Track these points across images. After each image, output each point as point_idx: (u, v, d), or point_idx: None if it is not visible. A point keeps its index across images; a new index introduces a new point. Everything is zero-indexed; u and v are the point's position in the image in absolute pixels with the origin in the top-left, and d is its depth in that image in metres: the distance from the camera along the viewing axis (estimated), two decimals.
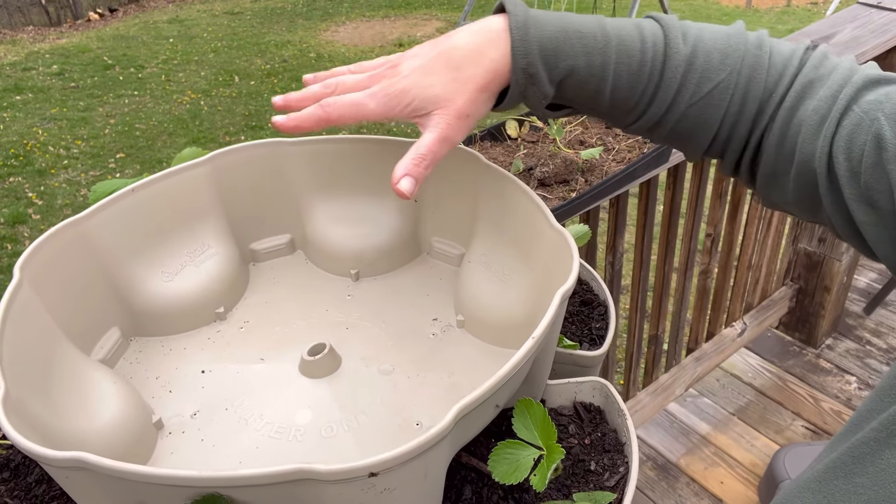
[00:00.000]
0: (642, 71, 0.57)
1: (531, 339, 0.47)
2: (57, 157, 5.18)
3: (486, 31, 0.56)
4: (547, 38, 0.56)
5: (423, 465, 0.43)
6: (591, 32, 0.56)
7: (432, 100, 0.56)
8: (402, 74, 0.57)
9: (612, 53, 0.56)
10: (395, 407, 0.61)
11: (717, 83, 0.57)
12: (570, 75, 0.57)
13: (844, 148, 0.53)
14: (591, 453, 0.56)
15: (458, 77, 0.56)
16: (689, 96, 0.58)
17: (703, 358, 2.12)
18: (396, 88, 0.57)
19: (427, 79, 0.56)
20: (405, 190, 0.55)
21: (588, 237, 0.79)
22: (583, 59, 0.56)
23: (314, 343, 0.65)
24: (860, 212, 0.53)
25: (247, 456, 0.57)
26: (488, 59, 0.56)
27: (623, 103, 0.59)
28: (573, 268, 0.54)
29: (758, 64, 0.58)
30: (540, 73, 0.56)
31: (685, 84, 0.58)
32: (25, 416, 0.48)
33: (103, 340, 0.66)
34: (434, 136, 0.56)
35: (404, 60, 0.58)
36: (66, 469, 0.43)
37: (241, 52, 7.53)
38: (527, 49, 0.55)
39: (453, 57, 0.56)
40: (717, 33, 0.59)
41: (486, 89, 0.57)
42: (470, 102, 0.56)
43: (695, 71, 0.57)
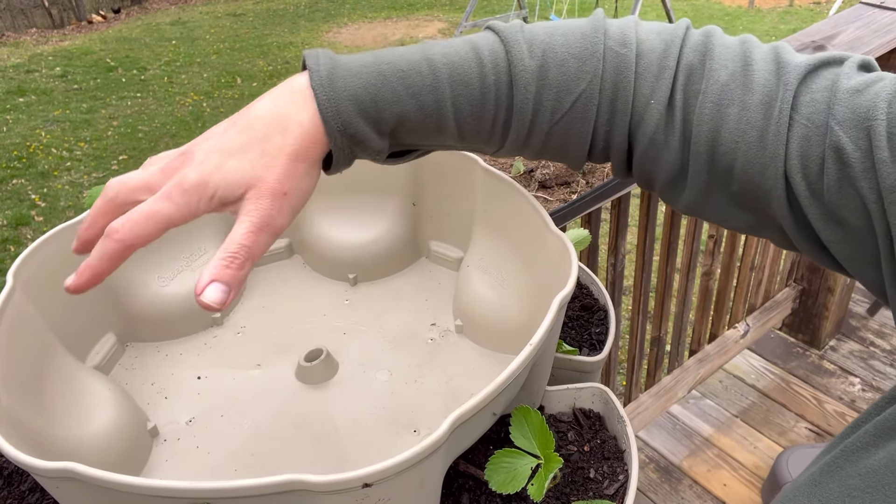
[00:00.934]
0: (486, 98, 0.50)
1: (529, 346, 0.46)
2: (60, 159, 5.19)
3: (288, 93, 0.48)
4: (361, 88, 0.47)
5: (419, 474, 0.43)
6: (414, 69, 0.48)
7: (238, 183, 0.45)
8: (197, 161, 0.46)
9: (444, 88, 0.49)
10: (392, 413, 0.61)
11: (579, 94, 0.50)
12: (400, 124, 0.49)
13: (799, 167, 0.46)
14: (591, 461, 0.56)
15: (265, 151, 0.46)
16: (550, 114, 0.51)
17: (705, 359, 2.11)
18: (192, 180, 0.45)
19: (228, 161, 0.46)
20: (211, 301, 0.44)
21: (588, 242, 0.78)
22: (410, 102, 0.48)
23: (311, 348, 0.64)
24: (827, 231, 0.47)
25: (242, 463, 0.57)
26: (295, 125, 0.47)
27: (475, 136, 0.52)
28: (572, 273, 0.53)
29: (623, 66, 0.50)
30: (362, 131, 0.48)
31: (541, 102, 0.50)
32: (17, 424, 0.48)
33: (98, 346, 0.65)
34: (246, 225, 0.45)
35: (198, 145, 0.48)
36: (55, 479, 0.42)
37: (243, 53, 7.54)
38: (337, 108, 0.47)
39: (255, 129, 0.47)
40: (570, 36, 0.51)
41: (302, 159, 0.47)
42: (284, 177, 0.46)
43: (549, 87, 0.50)
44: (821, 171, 0.45)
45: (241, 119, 0.48)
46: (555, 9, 8.17)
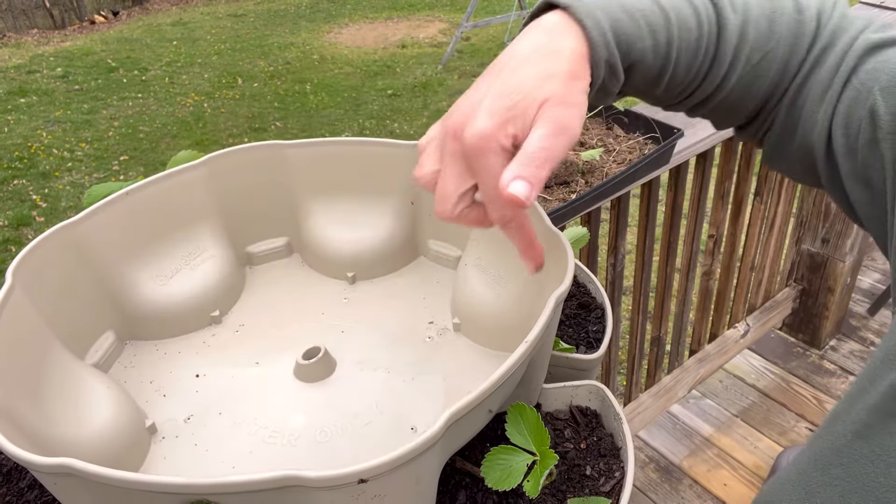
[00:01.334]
0: (700, 45, 0.52)
1: (524, 344, 0.46)
2: (61, 160, 5.19)
3: (544, 31, 0.47)
4: (616, 21, 0.48)
5: (414, 471, 0.43)
6: (650, 10, 0.50)
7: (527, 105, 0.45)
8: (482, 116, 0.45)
9: (674, 31, 0.50)
10: (389, 411, 0.61)
11: (766, 52, 0.53)
12: (640, 60, 0.50)
13: (843, 124, 0.50)
14: (587, 458, 0.56)
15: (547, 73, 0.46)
16: (742, 67, 0.53)
17: (705, 359, 2.11)
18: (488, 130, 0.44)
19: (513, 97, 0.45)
20: (518, 193, 0.42)
21: (586, 240, 0.78)
22: (650, 39, 0.50)
23: (309, 347, 0.64)
24: (856, 190, 0.50)
25: (240, 461, 0.57)
26: (566, 49, 0.46)
27: (679, 82, 0.54)
28: (568, 270, 0.53)
29: (800, 31, 0.53)
30: (618, 63, 0.49)
31: (738, 57, 0.53)
32: (16, 420, 0.48)
33: (97, 344, 0.65)
34: (542, 130, 0.44)
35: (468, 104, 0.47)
36: (53, 475, 0.42)
37: (244, 54, 7.54)
38: (605, 38, 0.47)
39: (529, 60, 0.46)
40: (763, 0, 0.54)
41: (579, 77, 0.47)
42: (570, 91, 0.46)
43: (746, 42, 0.53)
44: (858, 131, 0.49)
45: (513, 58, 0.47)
46: None
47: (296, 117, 5.91)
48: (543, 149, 0.43)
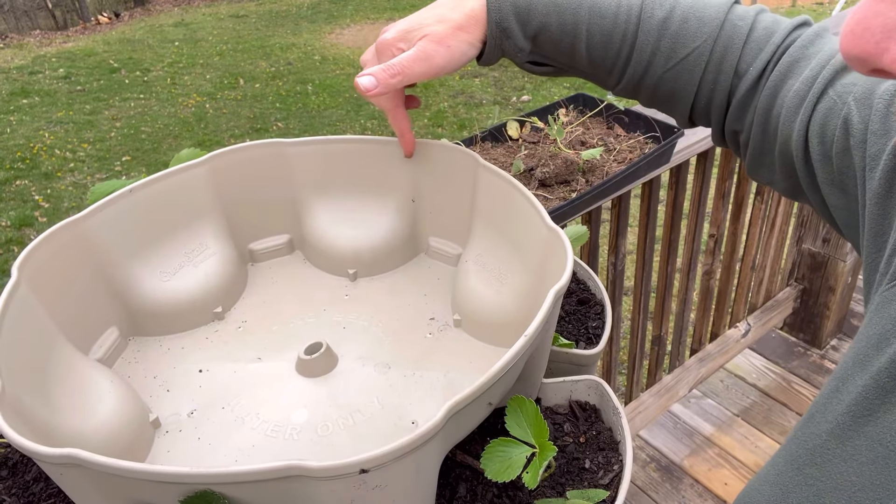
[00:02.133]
0: (615, 31, 0.60)
1: (523, 338, 0.47)
2: (63, 160, 5.20)
3: None
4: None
5: (415, 462, 0.43)
6: None
7: (417, 30, 0.61)
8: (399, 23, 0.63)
9: (583, 13, 0.60)
10: (390, 406, 0.61)
11: (692, 49, 0.58)
12: (541, 32, 0.61)
13: (818, 132, 0.53)
14: (586, 451, 0.56)
15: (442, 17, 0.61)
16: (664, 61, 0.59)
17: (706, 359, 2.11)
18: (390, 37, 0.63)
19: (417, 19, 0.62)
20: (363, 84, 0.60)
21: (586, 238, 0.79)
22: (554, 17, 0.60)
23: (311, 342, 0.65)
24: (832, 195, 0.53)
25: (243, 454, 0.57)
26: (467, 7, 0.62)
27: (600, 63, 0.62)
28: (567, 266, 0.54)
29: (735, 34, 0.58)
30: (513, 28, 0.61)
31: (658, 48, 0.59)
32: (22, 413, 0.49)
33: (102, 340, 0.66)
34: (408, 54, 0.61)
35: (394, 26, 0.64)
36: (59, 466, 0.43)
37: (245, 55, 7.55)
38: (500, 5, 0.61)
39: (445, 4, 0.63)
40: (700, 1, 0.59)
41: (464, 30, 0.61)
42: (448, 33, 0.61)
43: (668, 36, 0.58)
44: (833, 139, 0.52)
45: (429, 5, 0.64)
46: None
47: (297, 118, 5.92)
48: (399, 64, 0.60)
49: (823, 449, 0.42)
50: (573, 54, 0.62)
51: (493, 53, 0.63)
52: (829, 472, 0.41)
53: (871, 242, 0.48)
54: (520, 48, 0.62)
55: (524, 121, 1.43)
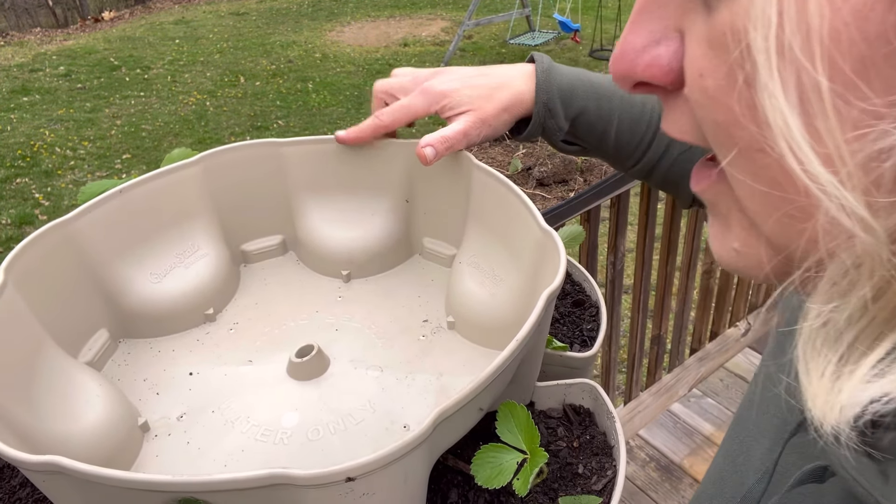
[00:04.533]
0: (642, 119, 0.68)
1: (514, 342, 0.46)
2: (64, 158, 5.20)
3: (519, 70, 0.69)
4: (565, 82, 0.68)
5: (402, 469, 0.43)
6: (600, 83, 0.68)
7: (465, 103, 0.67)
8: (446, 80, 0.68)
9: (616, 101, 0.68)
10: (382, 409, 0.61)
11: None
12: (581, 114, 0.69)
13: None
14: (580, 456, 0.56)
15: (490, 95, 0.67)
16: (680, 145, 0.66)
17: (706, 358, 2.11)
18: (437, 89, 0.67)
19: (465, 90, 0.67)
20: (427, 155, 0.65)
21: (582, 238, 0.78)
22: (593, 102, 0.68)
23: (303, 345, 0.64)
24: None
25: (232, 459, 0.57)
26: (516, 89, 0.68)
27: (625, 146, 0.70)
28: (560, 268, 0.53)
29: None
30: (557, 108, 0.68)
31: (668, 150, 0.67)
32: (7, 418, 0.48)
33: (91, 342, 0.65)
34: (460, 127, 0.66)
35: (451, 72, 0.69)
36: (42, 473, 0.42)
37: (246, 52, 7.54)
38: (548, 87, 0.68)
39: (490, 80, 0.68)
40: None
41: (509, 111, 0.68)
42: (494, 114, 0.67)
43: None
44: None
45: (486, 71, 0.69)
46: (558, 7, 8.15)
47: (298, 116, 5.91)
48: (453, 137, 0.66)
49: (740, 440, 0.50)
50: (603, 137, 0.70)
51: (535, 130, 0.69)
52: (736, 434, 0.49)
53: None
54: (560, 128, 0.69)
55: None
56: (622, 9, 7.41)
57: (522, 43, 7.22)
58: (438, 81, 0.68)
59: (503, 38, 7.69)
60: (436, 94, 0.67)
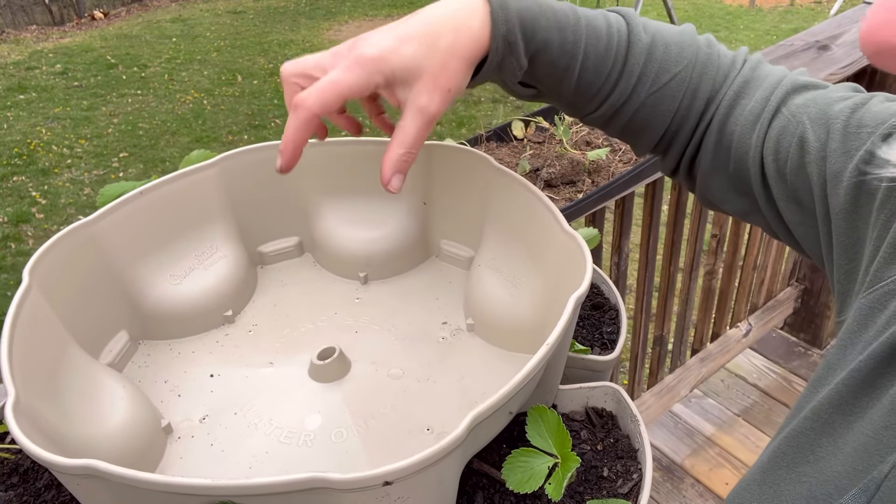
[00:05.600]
0: (608, 54, 0.57)
1: (546, 346, 0.46)
2: (60, 157, 5.18)
3: (459, 2, 0.54)
4: (525, 8, 0.54)
5: (437, 473, 0.43)
6: (563, 11, 0.56)
7: (413, 68, 0.52)
8: (374, 40, 0.52)
9: (582, 32, 0.56)
10: (404, 411, 0.61)
11: (675, 74, 0.59)
12: (544, 49, 0.56)
13: (773, 149, 0.55)
14: (604, 459, 0.56)
15: (436, 46, 0.52)
16: (649, 85, 0.59)
17: (707, 359, 2.11)
18: (371, 54, 0.51)
19: (405, 46, 0.51)
20: (395, 189, 0.56)
21: (597, 241, 0.78)
22: (556, 33, 0.55)
23: (323, 347, 0.64)
24: (788, 211, 0.56)
25: (256, 461, 0.57)
26: (466, 27, 0.53)
27: (588, 88, 0.59)
28: (586, 272, 0.53)
29: (709, 61, 0.60)
30: (518, 42, 0.54)
31: (646, 72, 0.58)
32: (35, 421, 0.48)
33: (112, 344, 0.65)
34: (419, 121, 0.53)
35: (370, 34, 0.53)
36: (76, 476, 0.42)
37: (243, 51, 7.52)
38: (507, 16, 0.53)
39: (430, 24, 0.52)
40: (672, 29, 0.61)
41: (466, 59, 0.53)
42: (453, 75, 0.53)
43: (654, 60, 0.59)
44: (787, 157, 0.54)
45: (414, 16, 0.53)
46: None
47: None
48: (418, 140, 0.54)
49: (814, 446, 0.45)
50: (565, 75, 0.58)
51: (489, 72, 0.56)
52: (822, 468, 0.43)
53: (842, 254, 0.51)
54: (520, 65, 0.56)
55: (529, 120, 1.42)
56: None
57: None
58: (368, 45, 0.52)
59: None
60: (369, 61, 0.51)
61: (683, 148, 0.63)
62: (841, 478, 0.41)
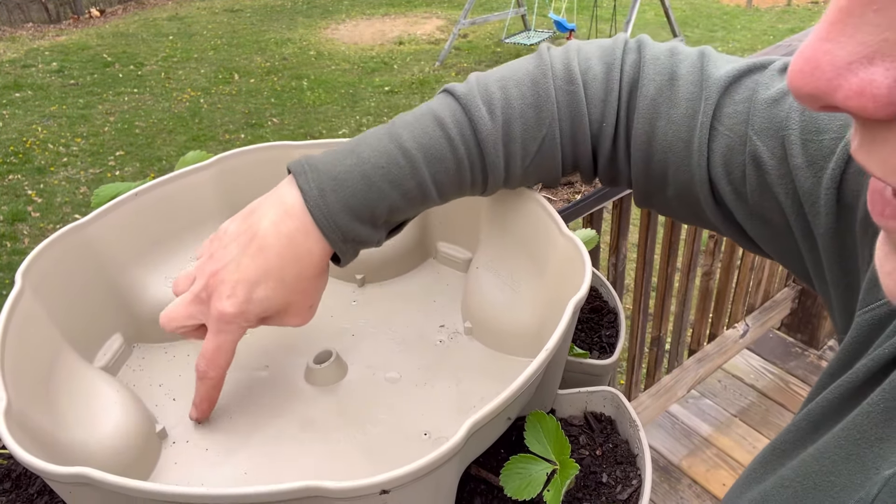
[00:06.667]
0: (462, 168, 0.54)
1: (545, 351, 0.46)
2: (56, 155, 5.17)
3: (286, 215, 0.52)
4: (351, 196, 0.51)
5: (435, 480, 0.42)
6: (392, 162, 0.52)
7: (273, 308, 0.54)
8: (226, 294, 0.52)
9: (423, 171, 0.52)
10: (402, 416, 0.60)
11: (543, 138, 0.55)
12: (391, 213, 0.53)
13: (723, 173, 0.50)
14: (603, 465, 0.55)
15: (285, 281, 0.52)
16: (521, 161, 0.55)
17: (705, 359, 2.11)
18: (231, 313, 0.52)
19: (256, 291, 0.52)
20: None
21: (595, 242, 0.78)
22: (396, 193, 0.52)
23: (320, 350, 0.64)
24: (755, 229, 0.51)
25: (252, 466, 0.56)
26: (305, 252, 0.52)
27: (458, 195, 0.57)
28: (585, 276, 0.53)
29: (574, 101, 0.54)
30: (361, 232, 0.53)
31: (511, 155, 0.55)
32: (27, 427, 0.48)
33: (105, 347, 0.65)
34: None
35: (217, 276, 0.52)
36: (69, 484, 0.42)
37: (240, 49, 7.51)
38: (336, 223, 0.51)
39: (268, 257, 0.52)
40: (522, 86, 0.54)
41: (318, 275, 0.55)
42: (311, 297, 0.56)
43: (514, 140, 0.54)
44: (743, 176, 0.49)
45: (249, 241, 0.52)
46: (553, 6, 8.16)
47: (292, 113, 5.89)
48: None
49: (797, 450, 0.43)
50: (426, 205, 0.56)
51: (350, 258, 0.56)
52: (805, 472, 0.41)
53: (837, 269, 0.47)
54: (378, 241, 0.56)
55: None
56: (617, 9, 7.42)
57: (518, 42, 7.22)
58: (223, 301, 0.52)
59: (498, 37, 7.69)
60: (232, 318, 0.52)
61: (592, 175, 0.60)
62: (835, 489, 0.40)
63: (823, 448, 0.41)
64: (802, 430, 0.44)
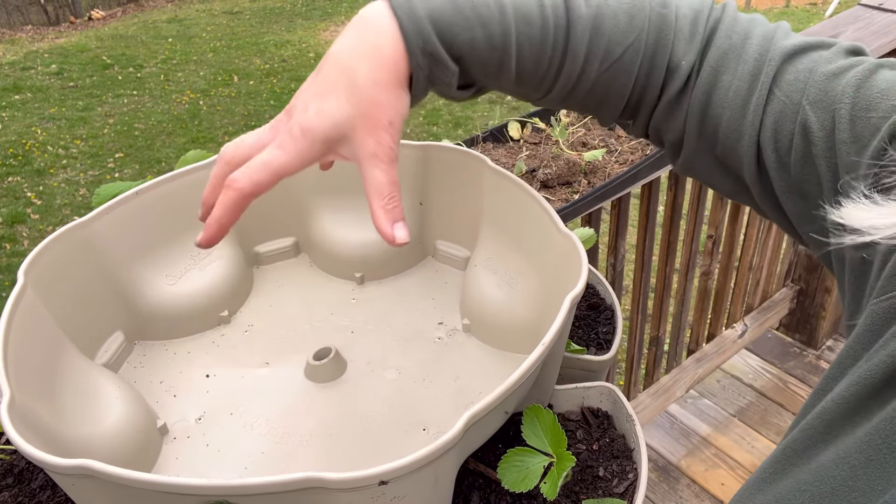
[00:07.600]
0: (545, 40, 0.51)
1: (541, 346, 0.46)
2: (56, 157, 5.17)
3: (367, 22, 0.49)
4: (436, 11, 0.48)
5: (433, 472, 0.43)
6: (483, 3, 0.49)
7: (343, 122, 0.48)
8: (299, 111, 0.49)
9: (509, 22, 0.50)
10: (400, 412, 0.61)
11: (627, 46, 0.53)
12: (470, 50, 0.50)
13: (771, 138, 0.50)
14: (600, 459, 0.56)
15: (355, 83, 0.48)
16: (599, 63, 0.53)
17: (703, 359, 2.11)
18: (299, 129, 0.49)
19: (325, 103, 0.48)
20: (403, 240, 0.51)
21: (593, 241, 0.78)
22: (480, 30, 0.49)
23: (319, 347, 0.64)
24: (790, 203, 0.51)
25: (252, 461, 0.57)
26: (379, 52, 0.48)
27: (530, 77, 0.53)
28: (582, 273, 0.53)
29: (664, 25, 0.53)
30: (438, 51, 0.49)
31: (593, 50, 0.52)
32: (30, 421, 0.48)
33: (107, 344, 0.65)
34: (380, 168, 0.49)
35: (298, 98, 0.51)
36: (72, 476, 0.42)
37: (240, 51, 7.52)
38: (419, 27, 0.48)
39: (341, 61, 0.49)
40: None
41: (395, 85, 0.49)
42: (387, 107, 0.49)
43: (602, 36, 0.53)
44: (790, 145, 0.49)
45: (326, 60, 0.50)
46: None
47: None
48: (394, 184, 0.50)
49: (816, 454, 0.42)
50: (500, 72, 0.52)
51: (421, 89, 0.51)
52: (823, 477, 0.41)
53: (856, 255, 0.46)
54: (452, 72, 0.50)
55: (525, 121, 1.43)
56: None
57: None
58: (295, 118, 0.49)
59: None
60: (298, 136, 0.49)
61: (647, 119, 0.58)
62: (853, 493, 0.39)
63: (844, 452, 0.40)
64: (815, 429, 0.43)
